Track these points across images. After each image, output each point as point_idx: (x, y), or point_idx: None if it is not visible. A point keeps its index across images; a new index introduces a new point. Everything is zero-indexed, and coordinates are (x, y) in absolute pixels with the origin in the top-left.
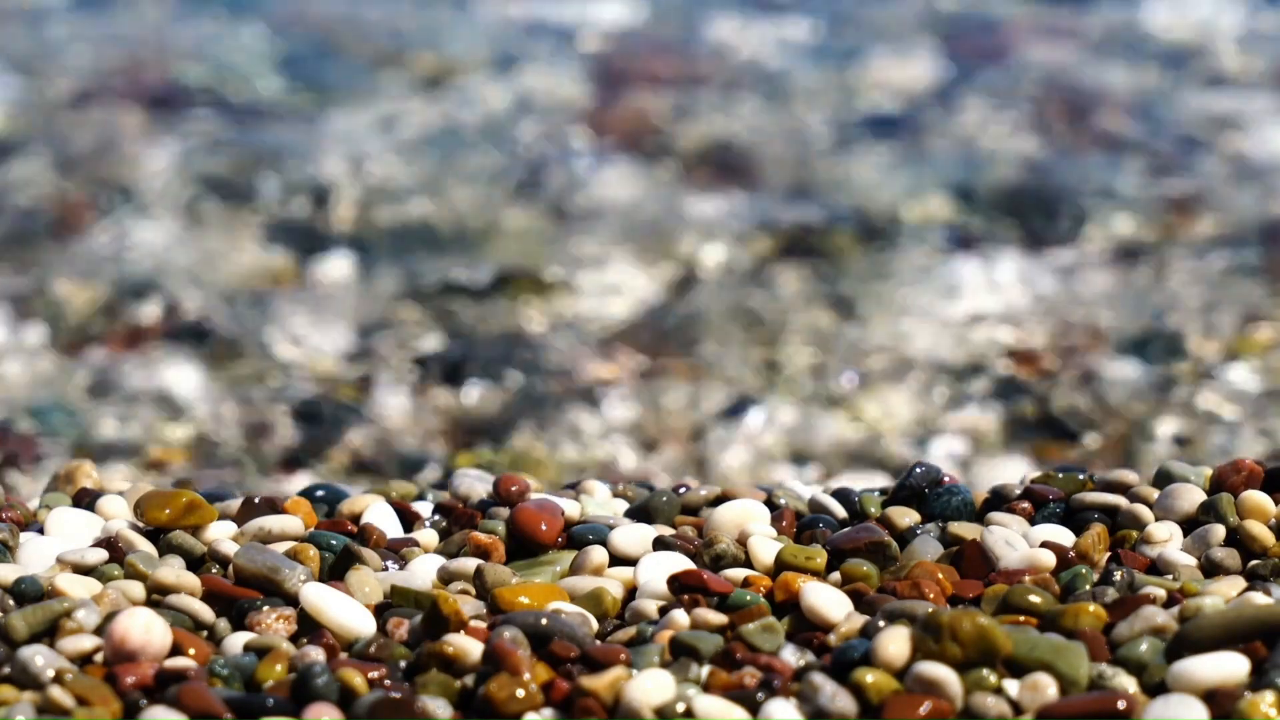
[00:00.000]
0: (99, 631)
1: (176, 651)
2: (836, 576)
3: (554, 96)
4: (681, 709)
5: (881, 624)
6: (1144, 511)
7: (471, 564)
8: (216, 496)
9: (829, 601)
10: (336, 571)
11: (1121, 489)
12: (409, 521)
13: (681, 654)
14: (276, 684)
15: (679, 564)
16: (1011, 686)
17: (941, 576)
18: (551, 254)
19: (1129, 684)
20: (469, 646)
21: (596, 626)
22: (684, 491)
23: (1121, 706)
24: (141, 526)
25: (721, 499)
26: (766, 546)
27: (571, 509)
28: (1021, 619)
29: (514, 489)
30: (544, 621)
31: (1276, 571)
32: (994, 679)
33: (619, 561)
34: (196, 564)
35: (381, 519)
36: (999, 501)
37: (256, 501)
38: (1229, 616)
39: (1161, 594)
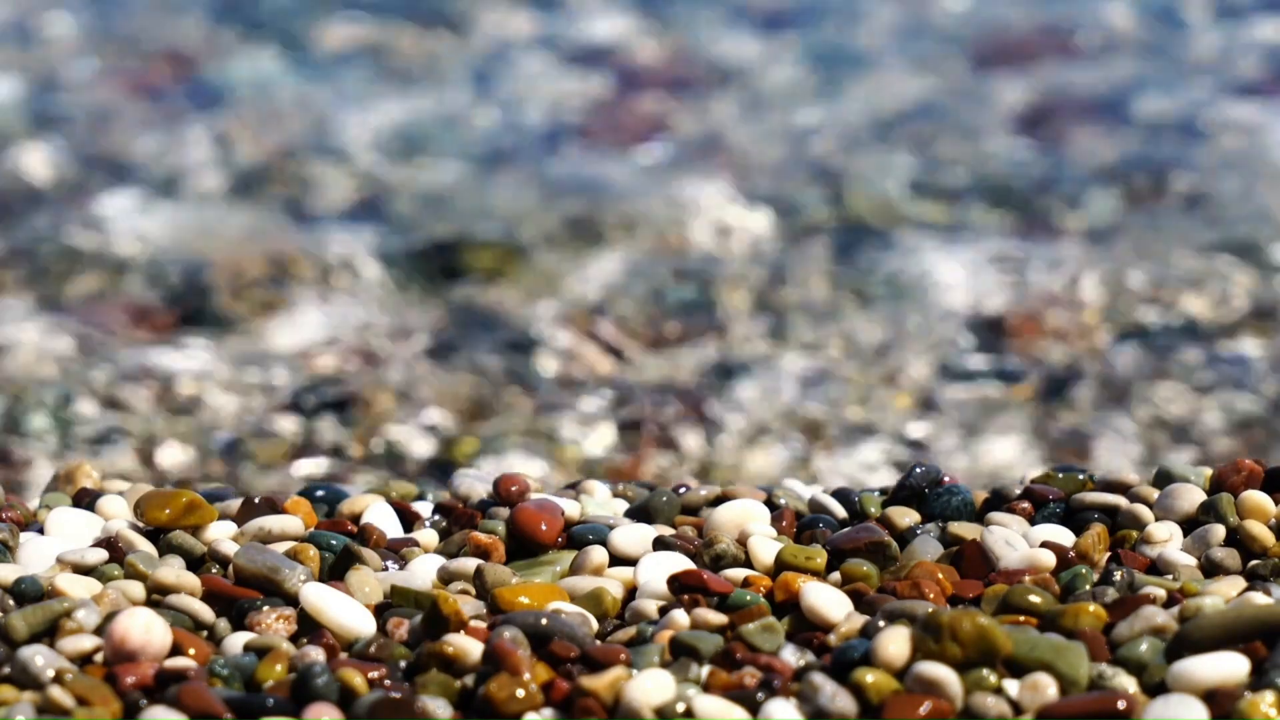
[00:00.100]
0: (99, 631)
1: (176, 651)
2: (836, 576)
3: (554, 97)
4: (681, 709)
5: (881, 624)
6: (1144, 511)
7: (471, 564)
8: (216, 496)
9: (829, 601)
10: (336, 571)
11: (1121, 489)
12: (409, 521)
13: (681, 654)
14: (276, 684)
15: (679, 564)
16: (1011, 686)
17: (941, 576)
18: (552, 244)
19: (1129, 684)
20: (469, 646)
21: (596, 626)
22: (684, 491)
23: (1121, 706)
24: (141, 526)
25: (721, 499)
26: (766, 546)
27: (571, 509)
28: (1021, 619)
29: (514, 489)
30: (544, 621)
31: (1276, 571)
32: (994, 679)
33: (619, 561)
34: (196, 564)
35: (381, 519)
36: (999, 501)
37: (256, 501)
38: (1229, 616)
39: (1161, 594)
